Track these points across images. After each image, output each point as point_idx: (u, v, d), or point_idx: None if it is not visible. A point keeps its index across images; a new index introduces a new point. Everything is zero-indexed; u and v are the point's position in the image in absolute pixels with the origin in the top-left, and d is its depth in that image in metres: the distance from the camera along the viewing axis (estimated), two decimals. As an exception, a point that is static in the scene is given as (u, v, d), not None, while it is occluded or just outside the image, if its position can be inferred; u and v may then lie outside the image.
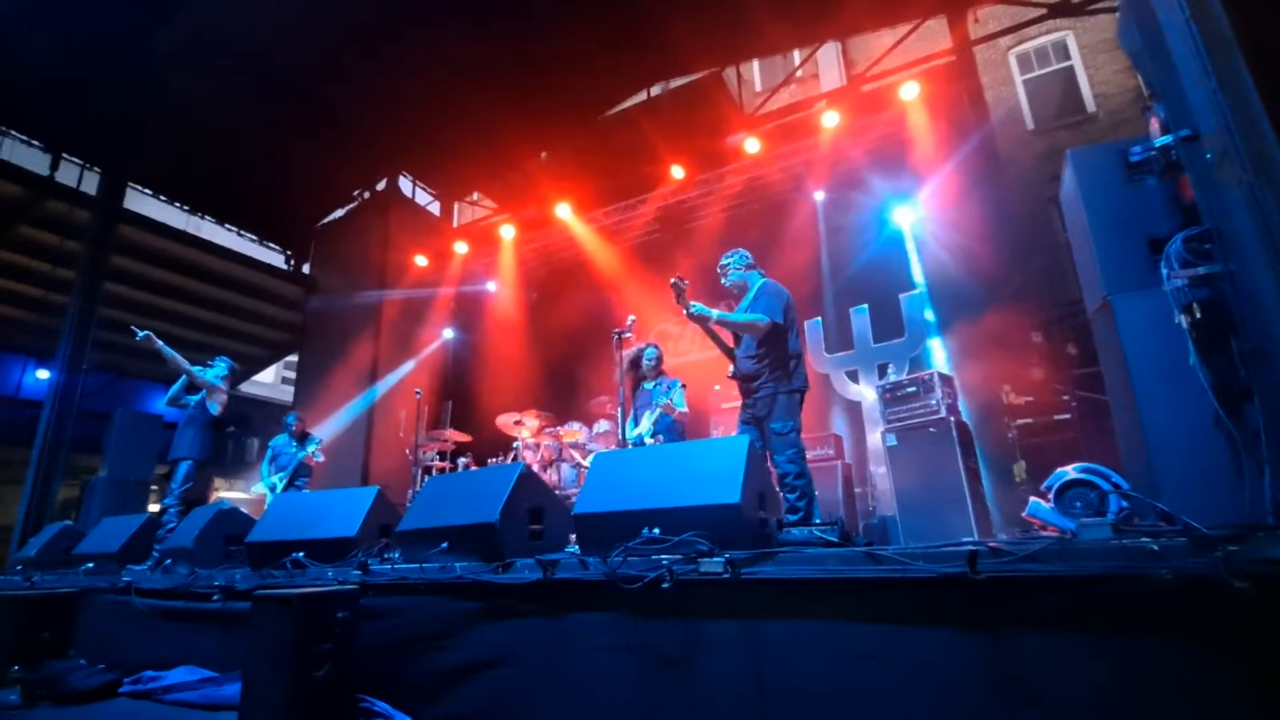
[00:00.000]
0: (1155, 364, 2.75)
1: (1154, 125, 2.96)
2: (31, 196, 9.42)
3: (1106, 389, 3.42)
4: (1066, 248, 4.55)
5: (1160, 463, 2.71)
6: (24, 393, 12.65)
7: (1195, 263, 2.56)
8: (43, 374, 11.49)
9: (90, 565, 4.83)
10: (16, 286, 10.98)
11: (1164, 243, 2.72)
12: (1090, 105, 10.56)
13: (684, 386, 5.23)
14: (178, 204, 11.27)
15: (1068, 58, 10.96)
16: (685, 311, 3.86)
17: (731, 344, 4.16)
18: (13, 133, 9.16)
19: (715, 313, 3.91)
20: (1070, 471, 2.86)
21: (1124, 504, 2.65)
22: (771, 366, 3.89)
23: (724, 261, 4.32)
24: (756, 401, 3.92)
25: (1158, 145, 2.79)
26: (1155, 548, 1.70)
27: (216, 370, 6.12)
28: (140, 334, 5.75)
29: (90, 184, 9.39)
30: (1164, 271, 2.60)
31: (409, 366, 10.79)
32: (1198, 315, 2.45)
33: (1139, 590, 1.67)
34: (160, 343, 5.77)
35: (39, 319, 10.80)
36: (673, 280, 3.86)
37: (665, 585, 2.28)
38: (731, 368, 4.16)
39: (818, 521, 3.56)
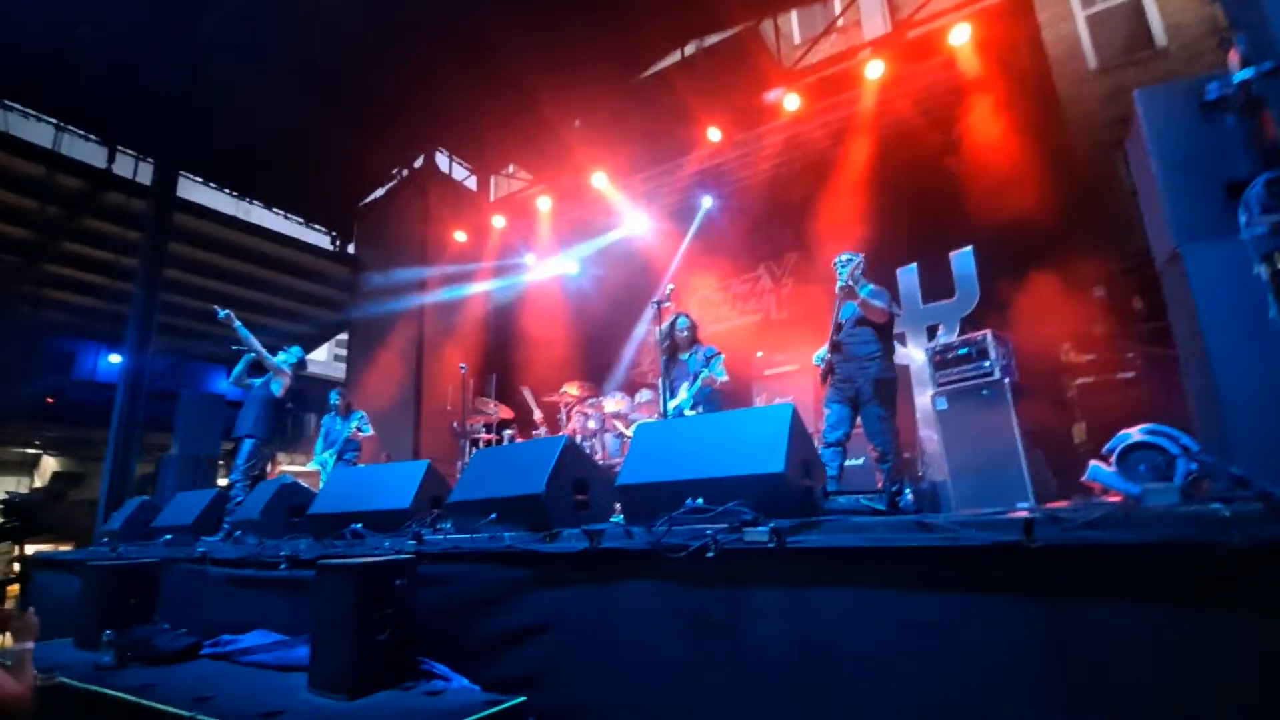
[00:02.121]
0: (1231, 318, 2.57)
1: (1233, 58, 2.72)
2: (92, 189, 9.84)
3: (1177, 345, 3.23)
4: (1131, 195, 4.27)
5: (1235, 423, 2.56)
6: (99, 376, 13.46)
7: (1277, 207, 2.37)
8: (114, 358, 12.15)
9: (168, 537, 5.16)
10: (85, 276, 11.59)
11: (1242, 186, 2.52)
12: (1160, 39, 9.76)
13: (722, 355, 5.16)
14: (227, 190, 11.62)
15: (1135, -12, 10.13)
16: (841, 283, 4.28)
17: (836, 332, 4.50)
18: (71, 128, 9.54)
19: (862, 291, 4.33)
20: (1135, 433, 2.72)
21: (1193, 467, 2.51)
22: (883, 355, 4.32)
23: (847, 257, 4.53)
24: (861, 385, 4.29)
25: (1237, 80, 2.56)
26: (1228, 514, 1.61)
27: (287, 357, 6.41)
28: (221, 313, 6.03)
29: (145, 174, 9.76)
30: (1242, 218, 2.41)
31: (453, 341, 11.01)
32: (1280, 265, 2.27)
33: (1210, 559, 1.59)
34: (238, 323, 6.06)
35: (107, 306, 11.41)
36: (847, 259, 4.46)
37: (710, 554, 2.28)
38: (820, 354, 4.53)
39: (910, 494, 3.74)
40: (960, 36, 7.11)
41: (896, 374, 4.40)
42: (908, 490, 4.24)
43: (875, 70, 7.62)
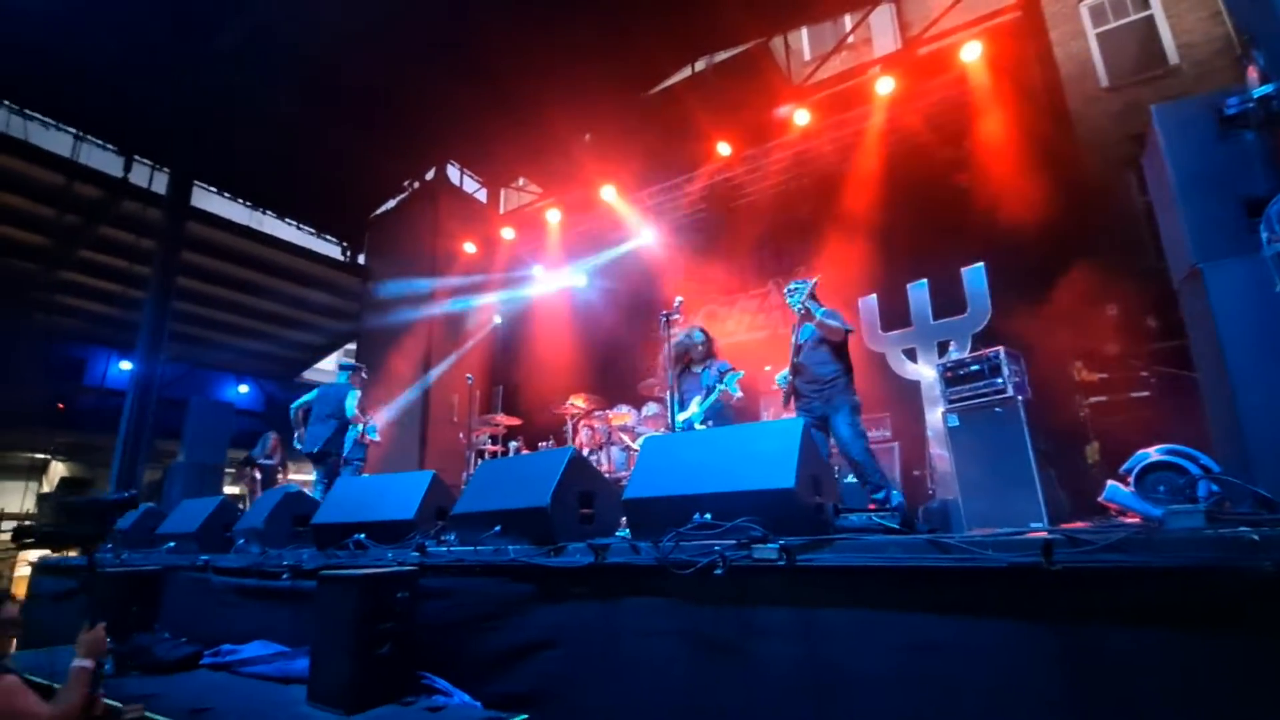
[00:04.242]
0: (1252, 336, 2.52)
1: (1252, 74, 2.69)
2: (109, 198, 9.97)
3: (1194, 364, 3.17)
4: (1144, 212, 4.23)
5: (1256, 443, 2.50)
6: (109, 383, 13.55)
7: (1301, 224, 2.32)
8: (126, 365, 12.23)
9: (172, 544, 5.13)
10: (99, 283, 11.69)
11: (1262, 203, 2.48)
12: (1172, 57, 9.71)
13: (740, 372, 5.13)
14: (240, 200, 11.74)
15: (1147, 7, 10.09)
16: (801, 307, 4.39)
17: (795, 354, 4.60)
18: (89, 138, 9.68)
19: (819, 313, 4.39)
20: (1153, 453, 2.66)
21: (1215, 489, 2.45)
22: (844, 373, 4.43)
23: (794, 285, 4.71)
24: (827, 402, 4.37)
25: (1257, 95, 2.53)
26: (1256, 538, 1.55)
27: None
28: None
29: (160, 184, 9.88)
30: (1263, 235, 2.37)
31: (461, 352, 11.02)
32: (1304, 282, 2.22)
33: (1237, 584, 1.53)
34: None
35: (120, 313, 11.50)
36: (815, 278, 4.60)
37: (718, 571, 2.24)
38: (783, 375, 4.64)
39: (896, 502, 3.66)
40: (971, 53, 7.12)
41: (856, 389, 4.50)
42: (895, 494, 4.22)
43: (886, 86, 7.64)
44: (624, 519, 3.21)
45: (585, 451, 6.84)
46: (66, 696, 2.18)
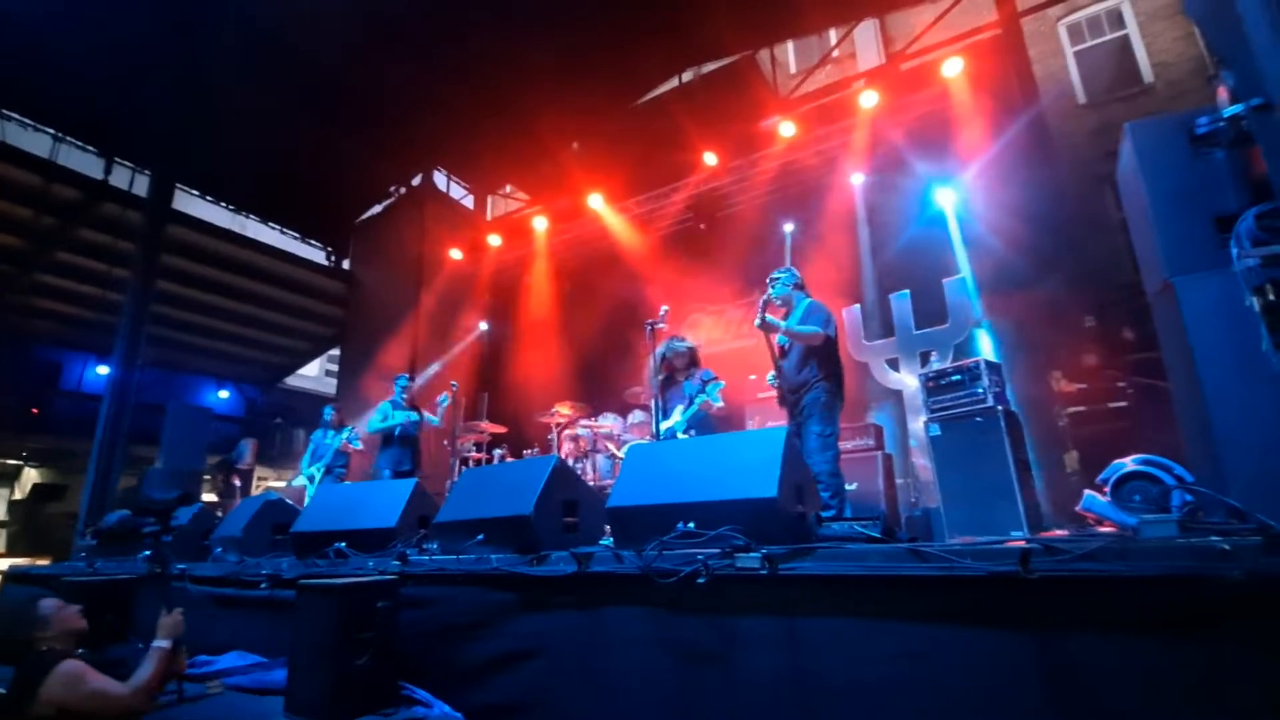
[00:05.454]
0: (1223, 349, 2.58)
1: (1222, 94, 2.76)
2: (88, 200, 9.81)
3: (1168, 376, 3.24)
4: (1121, 227, 4.31)
5: (1228, 455, 2.55)
6: (85, 387, 13.32)
7: (1269, 240, 2.39)
8: (103, 369, 12.02)
9: (148, 553, 5.04)
10: (77, 286, 11.47)
11: (1232, 220, 2.55)
12: (1147, 76, 10.01)
13: (721, 382, 5.16)
14: (223, 204, 11.62)
15: (1123, 26, 10.39)
16: (758, 321, 4.23)
17: (779, 356, 4.46)
18: (68, 139, 9.54)
19: (783, 324, 4.26)
20: (1129, 463, 2.71)
21: (1188, 499, 2.50)
22: (823, 376, 4.21)
23: (776, 275, 4.60)
24: (803, 407, 4.22)
25: (1227, 115, 2.60)
26: (1227, 547, 1.59)
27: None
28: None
29: (141, 186, 9.75)
30: (1234, 250, 2.43)
31: (446, 359, 10.96)
32: (1272, 296, 2.28)
33: (1209, 593, 1.57)
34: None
35: (98, 317, 11.30)
36: (764, 297, 4.41)
37: (700, 580, 2.24)
38: (772, 375, 4.48)
39: (849, 516, 3.67)
40: (952, 69, 7.26)
41: (841, 391, 4.27)
42: (848, 508, 4.13)
43: (869, 100, 7.76)
44: (608, 527, 3.21)
45: (570, 460, 6.82)
46: (144, 673, 2.34)
